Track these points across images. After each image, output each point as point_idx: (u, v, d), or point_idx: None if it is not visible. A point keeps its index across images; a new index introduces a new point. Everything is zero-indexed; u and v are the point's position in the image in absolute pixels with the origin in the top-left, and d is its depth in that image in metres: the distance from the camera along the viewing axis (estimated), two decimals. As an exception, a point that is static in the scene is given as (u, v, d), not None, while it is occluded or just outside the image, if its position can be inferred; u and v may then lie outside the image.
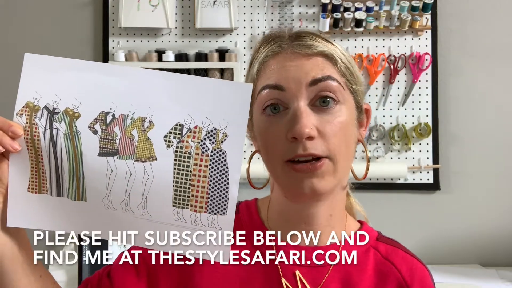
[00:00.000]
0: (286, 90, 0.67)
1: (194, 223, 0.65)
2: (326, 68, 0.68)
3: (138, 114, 0.64)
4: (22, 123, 0.66)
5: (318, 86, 0.66)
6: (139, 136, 0.65)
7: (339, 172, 0.67)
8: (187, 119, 0.64)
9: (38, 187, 0.67)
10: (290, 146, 0.65)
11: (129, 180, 0.65)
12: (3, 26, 1.91)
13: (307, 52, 0.68)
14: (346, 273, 0.71)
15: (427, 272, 0.74)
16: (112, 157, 0.65)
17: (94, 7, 1.88)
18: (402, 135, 1.80)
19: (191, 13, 1.85)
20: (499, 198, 1.82)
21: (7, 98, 0.88)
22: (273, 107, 0.67)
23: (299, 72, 0.67)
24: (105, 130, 0.65)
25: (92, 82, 0.65)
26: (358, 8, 1.76)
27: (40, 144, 0.66)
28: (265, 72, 0.70)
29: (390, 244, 0.75)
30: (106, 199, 0.65)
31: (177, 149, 0.64)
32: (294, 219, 0.71)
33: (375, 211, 0.83)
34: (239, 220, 0.74)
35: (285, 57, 0.69)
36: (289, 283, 0.70)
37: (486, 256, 1.81)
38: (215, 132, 0.64)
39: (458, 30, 1.82)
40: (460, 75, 1.82)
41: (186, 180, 0.64)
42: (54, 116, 0.65)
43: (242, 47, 1.84)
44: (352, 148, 0.70)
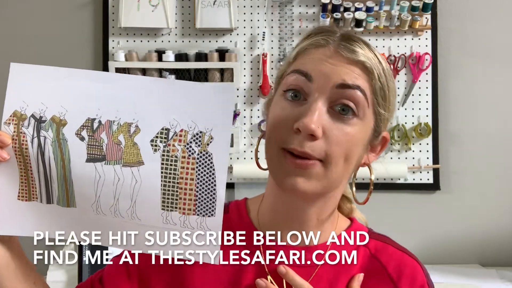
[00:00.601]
0: (312, 82, 0.66)
1: (183, 226, 0.65)
2: (360, 79, 0.66)
3: (124, 120, 0.65)
4: (10, 132, 0.66)
5: (344, 92, 0.65)
6: (126, 141, 0.65)
7: (329, 180, 0.66)
8: (172, 123, 0.64)
9: (28, 195, 0.68)
10: (291, 136, 0.65)
11: (117, 185, 0.65)
12: (3, 26, 1.91)
13: (348, 56, 0.66)
14: (334, 272, 0.71)
15: (419, 267, 0.73)
16: (99, 163, 0.65)
17: (94, 7, 1.88)
18: (402, 135, 1.80)
19: (191, 13, 1.85)
20: (499, 198, 1.82)
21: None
22: (293, 94, 0.67)
23: (332, 71, 0.65)
24: (92, 137, 0.65)
25: (78, 89, 0.65)
26: (358, 8, 1.76)
27: (28, 152, 0.66)
28: (302, 58, 0.69)
29: (381, 240, 0.75)
30: (95, 205, 0.66)
31: (163, 153, 0.65)
32: (284, 216, 0.71)
33: (375, 211, 0.83)
34: (229, 219, 0.74)
35: (326, 52, 0.67)
36: (274, 281, 0.70)
37: (486, 256, 1.81)
38: (201, 135, 0.64)
39: (458, 30, 1.81)
40: (460, 75, 1.82)
41: (173, 183, 0.65)
42: (41, 124, 0.66)
43: (242, 47, 1.84)
44: (351, 166, 0.68)
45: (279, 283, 0.70)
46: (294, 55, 0.71)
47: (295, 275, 0.68)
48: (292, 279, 0.68)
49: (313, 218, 0.71)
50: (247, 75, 1.85)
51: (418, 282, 0.72)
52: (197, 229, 0.65)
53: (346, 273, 0.71)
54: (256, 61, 1.85)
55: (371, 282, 0.71)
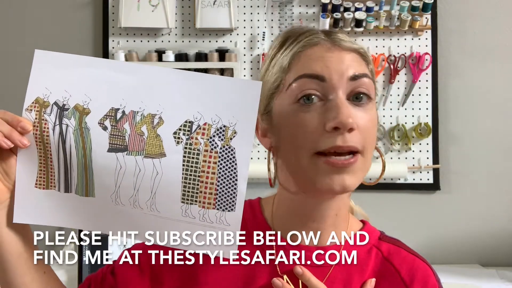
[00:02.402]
0: (326, 81, 0.65)
1: (202, 219, 0.65)
2: (362, 65, 0.68)
3: (148, 111, 0.65)
4: (31, 118, 0.66)
5: (357, 82, 0.66)
6: (149, 132, 0.65)
7: (367, 169, 0.67)
8: (196, 116, 0.64)
9: (46, 183, 0.67)
10: (328, 137, 0.64)
11: (138, 176, 0.65)
12: (3, 26, 1.91)
13: (347, 46, 0.68)
14: (347, 273, 0.71)
15: (431, 271, 0.73)
16: (121, 153, 0.65)
17: (94, 7, 1.88)
18: (402, 135, 1.81)
19: (191, 13, 1.85)
20: (499, 198, 1.82)
21: (10, 95, 0.88)
22: (306, 98, 0.66)
23: (340, 65, 0.66)
24: (115, 127, 0.65)
25: (102, 78, 0.65)
26: (358, 8, 1.77)
27: (49, 140, 0.66)
28: (300, 62, 0.68)
29: (393, 243, 0.75)
30: (115, 195, 0.65)
31: (186, 145, 0.64)
32: (303, 216, 0.71)
33: (375, 211, 0.83)
34: (243, 219, 0.74)
35: (324, 48, 0.67)
36: (290, 281, 0.70)
37: (486, 256, 1.81)
38: (224, 129, 0.64)
39: (458, 30, 1.82)
40: (460, 75, 1.82)
41: (194, 177, 0.64)
42: (64, 112, 0.66)
43: (242, 47, 1.84)
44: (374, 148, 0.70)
45: (295, 283, 0.69)
46: (288, 60, 0.68)
47: (311, 276, 0.68)
48: (308, 280, 0.68)
49: (332, 214, 0.71)
50: (247, 75, 1.85)
51: (430, 287, 0.72)
52: (216, 224, 0.65)
53: (359, 274, 0.71)
54: (256, 61, 1.85)
55: (384, 285, 0.71)
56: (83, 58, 0.66)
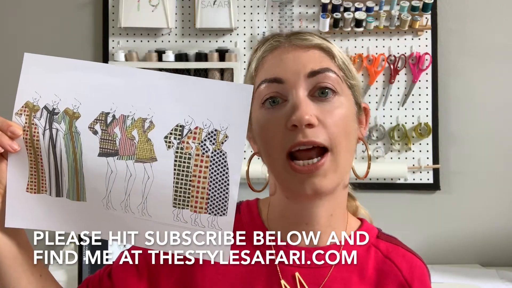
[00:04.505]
0: (284, 82, 0.67)
1: (194, 224, 0.65)
2: (324, 61, 0.68)
3: (139, 115, 0.64)
4: (21, 123, 0.66)
5: (317, 78, 0.67)
6: (140, 136, 0.65)
7: (341, 167, 0.67)
8: (187, 120, 0.64)
9: (37, 187, 0.67)
10: (290, 135, 0.65)
11: (129, 180, 0.64)
12: (3, 26, 1.91)
13: (304, 44, 0.69)
14: (347, 273, 0.71)
15: (425, 269, 0.74)
16: (112, 158, 0.65)
17: (94, 7, 1.88)
18: (402, 135, 1.80)
19: (191, 13, 1.85)
20: (499, 198, 1.81)
21: (6, 98, 0.88)
22: (271, 100, 0.68)
23: (297, 64, 0.67)
24: (105, 131, 0.65)
25: (93, 82, 0.65)
26: (358, 8, 1.76)
27: (40, 144, 0.65)
28: (263, 67, 0.70)
29: (390, 241, 0.75)
30: (106, 200, 0.65)
31: (177, 150, 0.64)
32: (294, 219, 0.71)
33: (375, 211, 0.83)
34: (240, 220, 0.74)
35: (282, 50, 0.69)
36: (288, 284, 0.70)
37: (486, 256, 1.81)
38: (216, 133, 0.64)
39: (458, 30, 1.81)
40: (460, 75, 1.82)
41: (186, 181, 0.64)
42: (54, 116, 0.65)
43: (242, 47, 1.84)
44: (353, 143, 0.70)
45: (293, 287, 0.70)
46: (254, 67, 0.71)
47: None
48: None
49: (324, 215, 0.71)
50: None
51: (426, 285, 0.73)
52: (208, 228, 0.64)
53: (359, 273, 0.71)
54: (256, 61, 1.84)
55: (387, 283, 0.71)
56: (73, 61, 0.66)
